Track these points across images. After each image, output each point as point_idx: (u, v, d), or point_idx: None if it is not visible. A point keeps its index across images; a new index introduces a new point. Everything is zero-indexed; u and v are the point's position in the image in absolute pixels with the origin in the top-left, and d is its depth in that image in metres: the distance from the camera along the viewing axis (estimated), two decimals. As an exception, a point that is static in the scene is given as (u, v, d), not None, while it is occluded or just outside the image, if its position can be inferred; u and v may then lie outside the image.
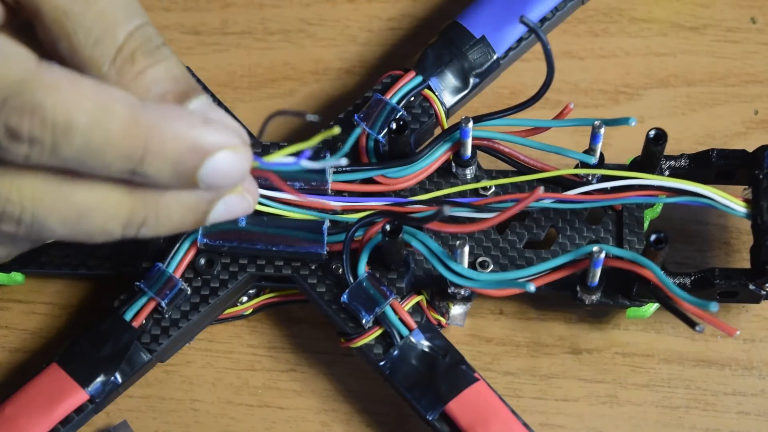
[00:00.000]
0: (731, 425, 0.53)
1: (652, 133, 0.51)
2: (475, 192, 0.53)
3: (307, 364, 0.55)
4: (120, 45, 0.42)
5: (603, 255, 0.48)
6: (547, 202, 0.52)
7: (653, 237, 0.49)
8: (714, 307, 0.46)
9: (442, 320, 0.53)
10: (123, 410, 0.55)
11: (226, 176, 0.41)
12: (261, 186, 0.52)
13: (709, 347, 0.55)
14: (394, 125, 0.52)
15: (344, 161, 0.43)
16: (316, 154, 0.53)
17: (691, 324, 0.47)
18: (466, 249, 0.49)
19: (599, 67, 0.60)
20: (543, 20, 0.56)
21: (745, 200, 0.51)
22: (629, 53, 0.61)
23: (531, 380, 0.55)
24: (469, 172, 0.54)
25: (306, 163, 0.42)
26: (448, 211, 0.50)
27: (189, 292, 0.52)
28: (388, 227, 0.49)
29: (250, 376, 0.55)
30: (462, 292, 0.52)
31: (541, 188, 0.47)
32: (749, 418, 0.54)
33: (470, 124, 0.51)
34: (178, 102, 0.42)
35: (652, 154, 0.51)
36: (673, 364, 0.55)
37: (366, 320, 0.51)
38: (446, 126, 0.55)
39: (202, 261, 0.52)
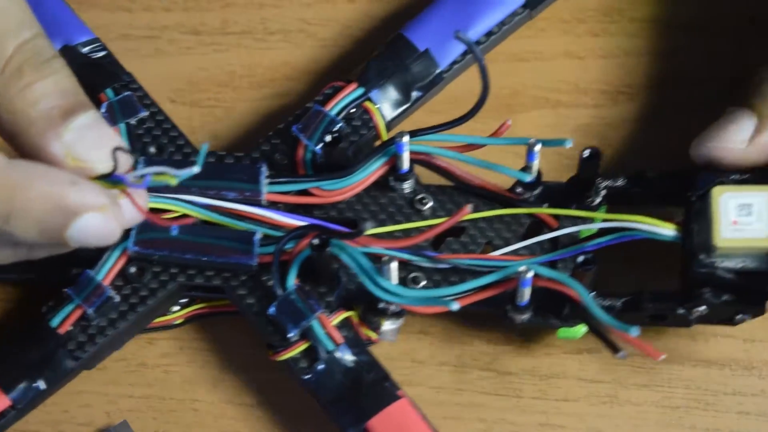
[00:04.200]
0: (731, 425, 0.53)
1: (587, 152, 0.50)
2: (411, 206, 0.53)
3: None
4: (8, 57, 0.42)
5: (530, 275, 0.48)
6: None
7: (581, 258, 0.48)
8: (635, 331, 0.45)
9: (374, 336, 0.53)
10: (123, 410, 0.54)
11: (95, 237, 0.42)
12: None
13: (709, 347, 0.54)
14: (329, 137, 0.52)
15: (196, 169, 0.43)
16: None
17: (614, 349, 0.47)
18: (394, 265, 0.48)
19: (599, 67, 0.60)
20: (489, 34, 0.56)
21: (677, 223, 0.50)
22: (629, 53, 0.60)
23: (531, 380, 0.54)
24: (407, 186, 0.53)
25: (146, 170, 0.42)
26: (370, 226, 0.49)
27: (118, 299, 0.52)
28: (315, 241, 0.49)
29: (250, 376, 0.55)
30: (392, 308, 0.51)
31: (469, 206, 0.47)
32: (749, 418, 0.53)
33: (405, 138, 0.51)
34: (64, 117, 0.42)
35: (587, 174, 0.51)
36: (673, 364, 0.54)
37: (292, 334, 0.50)
38: (386, 138, 0.54)
39: (133, 269, 0.52)
